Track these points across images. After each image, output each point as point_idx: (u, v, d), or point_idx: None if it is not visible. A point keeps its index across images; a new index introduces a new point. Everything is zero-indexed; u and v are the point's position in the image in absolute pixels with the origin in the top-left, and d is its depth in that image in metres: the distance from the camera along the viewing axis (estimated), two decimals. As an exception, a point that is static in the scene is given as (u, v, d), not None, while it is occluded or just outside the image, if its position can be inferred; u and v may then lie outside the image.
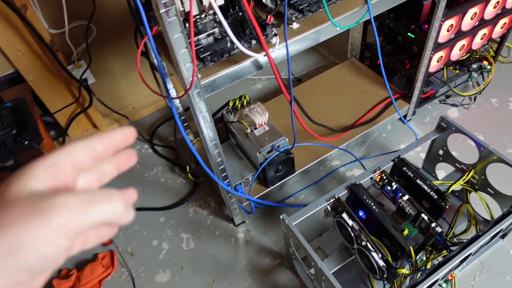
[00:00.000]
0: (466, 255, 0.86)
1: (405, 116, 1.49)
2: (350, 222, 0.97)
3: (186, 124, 1.46)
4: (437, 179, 1.27)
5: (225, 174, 1.07)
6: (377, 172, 1.07)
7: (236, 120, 1.26)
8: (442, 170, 1.32)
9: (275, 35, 0.83)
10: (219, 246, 1.28)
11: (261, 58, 0.83)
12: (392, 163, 1.09)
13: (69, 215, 0.23)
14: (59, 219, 0.22)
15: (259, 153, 1.16)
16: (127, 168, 0.33)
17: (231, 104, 1.30)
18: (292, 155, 1.21)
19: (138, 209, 1.40)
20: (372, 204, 0.99)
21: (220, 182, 1.07)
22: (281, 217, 0.97)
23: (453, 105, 1.54)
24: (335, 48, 1.90)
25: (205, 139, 0.92)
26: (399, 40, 1.44)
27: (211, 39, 0.83)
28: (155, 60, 0.93)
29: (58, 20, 1.29)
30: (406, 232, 0.94)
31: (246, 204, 1.24)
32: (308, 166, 1.30)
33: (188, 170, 1.40)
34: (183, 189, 1.45)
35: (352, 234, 0.96)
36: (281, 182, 1.27)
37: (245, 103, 1.29)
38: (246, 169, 1.26)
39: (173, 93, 1.24)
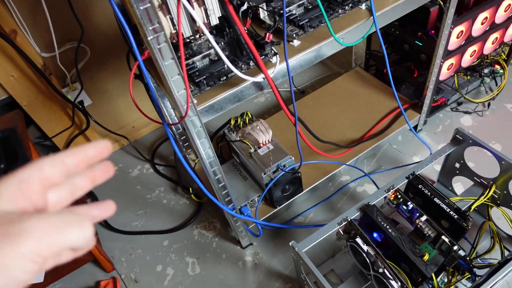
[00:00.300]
0: (495, 282, 0.79)
1: (416, 127, 1.43)
2: (365, 248, 0.90)
3: (187, 143, 1.40)
4: (455, 194, 1.20)
5: (228, 198, 1.01)
6: (391, 191, 1.01)
7: (238, 139, 1.20)
8: (459, 183, 1.25)
9: (275, 54, 0.78)
10: (226, 270, 1.21)
11: (261, 79, 0.77)
12: (406, 180, 1.03)
13: (37, 240, 0.22)
14: (27, 244, 0.22)
15: (264, 173, 1.10)
16: (103, 181, 0.32)
17: (232, 122, 1.24)
18: (299, 174, 1.14)
19: (141, 232, 1.35)
20: (388, 227, 0.92)
21: (224, 207, 1.01)
22: (290, 244, 0.91)
23: (466, 112, 1.47)
24: (339, 57, 1.84)
25: (205, 164, 0.86)
26: (406, 48, 1.38)
27: (206, 61, 0.77)
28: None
29: (50, 43, 1.25)
30: (426, 257, 0.87)
31: (253, 226, 1.18)
32: (316, 183, 1.24)
33: (191, 191, 1.35)
34: (187, 210, 1.39)
35: (368, 261, 0.89)
36: (289, 201, 1.21)
37: (247, 121, 1.24)
38: (251, 189, 1.20)
39: (172, 114, 1.19)
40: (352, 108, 1.44)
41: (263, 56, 0.76)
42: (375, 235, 0.97)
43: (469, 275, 0.94)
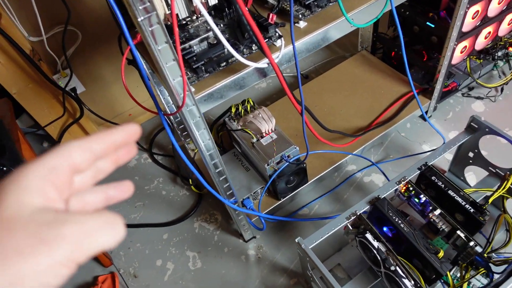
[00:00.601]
0: (514, 281, 0.74)
1: (425, 113, 1.36)
2: (376, 244, 0.85)
3: (186, 133, 1.34)
4: (468, 184, 1.15)
5: (230, 191, 0.96)
6: (402, 183, 0.95)
7: (239, 128, 1.14)
8: (471, 173, 1.19)
9: (280, 36, 0.71)
10: (228, 264, 1.17)
11: (265, 65, 0.70)
12: (419, 172, 0.97)
13: (74, 246, 0.21)
14: (64, 251, 0.21)
15: (268, 164, 1.05)
16: (126, 161, 0.30)
17: (233, 110, 1.17)
18: (304, 165, 1.09)
19: (140, 225, 1.30)
20: (399, 222, 0.87)
21: (225, 200, 0.95)
22: (296, 240, 0.85)
23: (478, 98, 1.41)
24: (343, 40, 1.75)
25: (205, 157, 0.80)
26: (416, 29, 1.30)
27: (204, 45, 0.70)
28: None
29: (39, 26, 1.17)
30: (441, 254, 0.82)
31: (256, 219, 1.13)
32: (322, 174, 1.18)
33: (190, 182, 1.29)
34: (187, 202, 1.34)
35: (379, 258, 0.84)
36: (293, 193, 1.15)
37: (248, 108, 1.17)
38: (253, 181, 1.15)
39: (170, 101, 1.12)
40: (359, 94, 1.37)
41: (267, 39, 0.69)
42: (385, 229, 0.92)
43: (483, 270, 0.89)
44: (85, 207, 0.27)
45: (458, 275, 0.94)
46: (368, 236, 0.87)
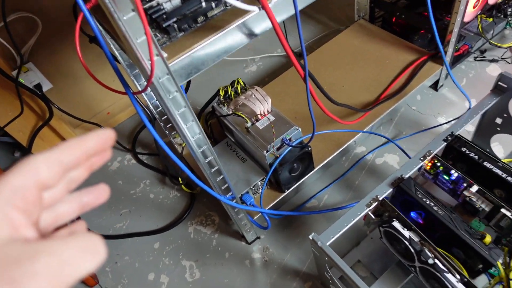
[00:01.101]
0: None
1: (437, 82, 1.22)
2: (406, 233, 0.70)
3: (170, 124, 1.19)
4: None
5: (226, 186, 0.81)
6: (427, 158, 0.80)
7: (231, 112, 0.98)
8: (497, 143, 1.05)
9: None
10: (231, 272, 1.02)
11: (254, 18, 0.55)
12: (445, 143, 0.82)
13: (51, 281, 0.18)
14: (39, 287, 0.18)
15: (267, 151, 0.89)
16: (100, 165, 0.27)
17: (221, 93, 1.02)
18: (309, 149, 0.94)
19: (127, 235, 1.14)
20: (432, 204, 0.72)
21: (221, 197, 0.80)
22: (310, 237, 0.70)
23: (492, 60, 1.27)
24: (336, 11, 1.61)
25: (191, 146, 0.65)
26: (419, -12, 1.16)
27: (177, 1, 0.55)
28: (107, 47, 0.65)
29: None
30: (488, 239, 0.67)
31: (259, 217, 0.98)
32: (329, 158, 1.03)
33: (180, 181, 1.13)
34: (179, 204, 1.18)
35: (412, 250, 0.69)
36: (298, 183, 1.00)
37: (239, 90, 1.02)
38: (252, 172, 0.99)
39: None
40: (361, 67, 1.23)
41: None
42: (412, 215, 0.77)
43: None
44: (58, 221, 0.25)
45: (501, 261, 0.79)
46: (396, 224, 0.72)
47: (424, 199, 0.73)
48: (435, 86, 1.23)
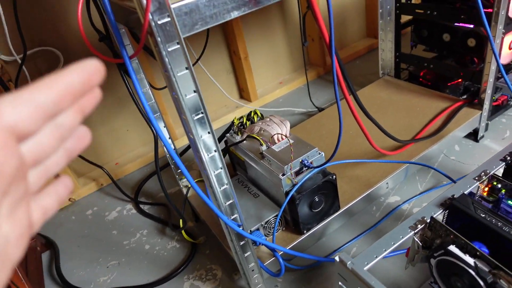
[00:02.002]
0: None
1: (476, 133, 1.10)
2: (471, 260, 0.51)
3: (180, 170, 1.08)
4: None
5: (235, 216, 0.66)
6: (484, 179, 0.64)
7: (245, 138, 0.87)
8: None
9: None
10: None
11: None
12: (503, 164, 0.67)
13: None
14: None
15: (283, 174, 0.75)
16: (93, 106, 0.22)
17: (236, 122, 0.93)
18: (334, 177, 0.79)
19: (109, 291, 0.94)
20: (502, 225, 0.54)
21: (224, 217, 0.64)
22: (336, 258, 0.52)
23: (537, 112, 1.15)
24: (359, 78, 1.59)
25: (196, 142, 0.53)
26: (446, 38, 1.13)
27: None
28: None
29: (16, 45, 1.03)
30: None
31: (270, 262, 0.78)
32: (357, 199, 0.87)
33: (181, 225, 0.97)
34: (176, 256, 0.99)
35: (482, 283, 0.49)
36: (321, 224, 0.83)
37: (255, 120, 0.93)
38: (265, 208, 0.83)
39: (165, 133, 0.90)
40: (390, 114, 1.13)
41: None
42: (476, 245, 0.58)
43: None
44: (47, 174, 0.21)
45: None
46: (454, 249, 0.53)
47: (490, 219, 0.55)
48: (475, 137, 1.10)
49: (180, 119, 0.56)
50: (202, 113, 0.54)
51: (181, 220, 0.97)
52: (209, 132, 0.56)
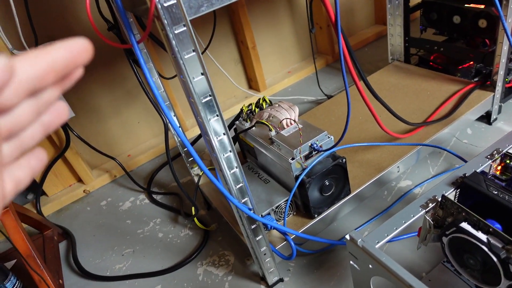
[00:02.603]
0: None
1: (489, 116, 1.08)
2: (483, 236, 0.51)
3: (191, 159, 1.10)
4: None
5: (245, 199, 0.67)
6: (496, 157, 0.63)
7: (254, 124, 0.88)
8: None
9: None
10: (245, 325, 0.79)
11: None
12: (516, 142, 0.66)
13: None
14: None
15: (293, 158, 0.76)
16: (72, 83, 0.21)
17: (245, 109, 0.93)
18: (344, 160, 0.79)
19: (124, 277, 0.96)
20: (513, 199, 0.54)
21: (235, 200, 0.65)
22: (347, 236, 0.53)
23: (551, 94, 1.12)
24: (367, 66, 1.58)
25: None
26: (457, 20, 1.11)
27: None
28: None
29: (29, 40, 1.04)
30: None
31: (282, 246, 0.79)
32: (368, 183, 0.87)
33: (193, 212, 0.98)
34: (189, 243, 1.01)
35: (495, 259, 0.49)
36: (332, 209, 0.83)
37: (264, 107, 0.93)
38: (275, 193, 0.84)
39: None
40: (400, 99, 1.12)
41: None
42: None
43: None
44: (22, 147, 0.21)
45: None
46: (466, 226, 0.53)
47: (503, 195, 0.55)
48: (487, 120, 1.09)
49: (188, 103, 0.56)
50: (210, 95, 0.54)
51: (193, 208, 0.98)
52: (217, 115, 0.56)
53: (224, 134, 0.59)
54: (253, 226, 0.71)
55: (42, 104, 0.20)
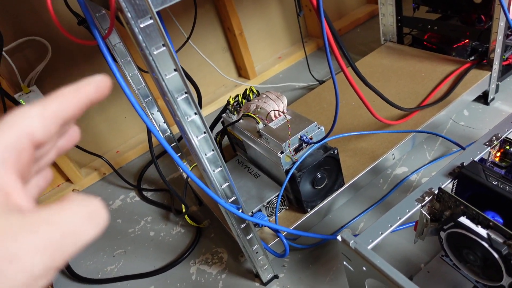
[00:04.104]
0: None
1: (487, 95, 1.04)
2: (483, 232, 0.47)
3: (179, 154, 1.06)
4: None
5: (233, 198, 0.63)
6: (495, 144, 0.60)
7: (240, 117, 0.84)
8: None
9: None
10: (241, 324, 0.77)
11: None
12: (516, 126, 0.62)
13: (52, 253, 0.16)
14: (39, 264, 0.15)
15: (282, 152, 0.72)
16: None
17: (231, 101, 0.89)
18: (335, 151, 0.75)
19: (116, 279, 0.93)
20: (514, 190, 0.50)
21: (221, 200, 0.61)
22: (338, 237, 0.49)
23: (550, 70, 1.08)
24: (360, 47, 1.53)
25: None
26: (450, -4, 1.06)
27: None
28: None
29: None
30: None
31: (275, 243, 0.76)
32: (362, 172, 0.83)
33: (184, 210, 0.95)
34: (181, 241, 0.98)
35: (496, 256, 0.46)
36: (326, 201, 0.80)
37: (251, 98, 0.89)
38: (266, 188, 0.81)
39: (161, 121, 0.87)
40: (393, 82, 1.08)
41: None
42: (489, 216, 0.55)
43: None
44: (39, 171, 0.22)
45: None
46: (464, 220, 0.50)
47: (503, 186, 0.51)
48: (484, 100, 1.05)
49: (164, 102, 0.52)
50: (186, 93, 0.50)
51: (183, 205, 0.95)
52: (195, 113, 0.52)
53: (204, 132, 0.55)
54: (243, 226, 0.68)
55: (63, 132, 0.22)
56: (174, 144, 1.04)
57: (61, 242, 0.16)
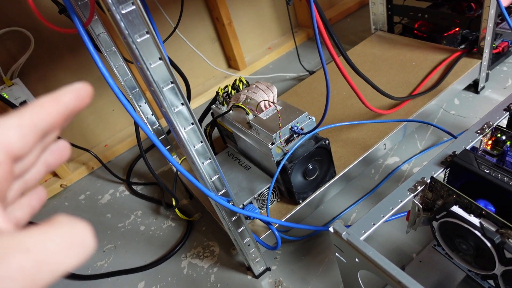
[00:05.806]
0: None
1: (477, 84, 1.04)
2: (476, 220, 0.47)
3: (169, 146, 1.05)
4: None
5: (223, 191, 0.62)
6: (487, 132, 0.59)
7: (230, 108, 0.82)
8: None
9: None
10: (233, 317, 0.76)
11: None
12: (507, 114, 0.62)
13: (26, 283, 0.15)
14: None
15: (273, 143, 0.71)
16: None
17: (221, 92, 0.87)
18: (327, 142, 0.74)
19: (106, 274, 0.92)
20: (507, 180, 0.50)
21: (211, 193, 0.60)
22: (330, 229, 0.49)
23: (539, 58, 1.09)
24: (350, 37, 1.51)
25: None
26: (441, -17, 1.05)
27: None
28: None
29: None
30: None
31: (266, 235, 0.75)
32: (354, 163, 0.83)
33: (174, 203, 0.93)
34: (173, 235, 0.97)
35: (489, 244, 0.46)
36: (317, 192, 0.79)
37: (241, 88, 0.87)
38: (257, 180, 0.79)
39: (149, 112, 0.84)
40: (384, 71, 1.07)
41: None
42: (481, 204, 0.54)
43: None
44: (25, 188, 0.21)
45: None
46: (457, 210, 0.49)
47: (495, 174, 0.51)
48: (475, 89, 1.05)
49: (150, 92, 0.51)
50: (172, 82, 0.48)
51: (173, 199, 0.93)
52: (182, 104, 0.51)
53: (192, 124, 0.54)
54: (233, 218, 0.67)
55: (45, 144, 0.21)
56: (163, 136, 1.03)
57: (35, 271, 0.15)
